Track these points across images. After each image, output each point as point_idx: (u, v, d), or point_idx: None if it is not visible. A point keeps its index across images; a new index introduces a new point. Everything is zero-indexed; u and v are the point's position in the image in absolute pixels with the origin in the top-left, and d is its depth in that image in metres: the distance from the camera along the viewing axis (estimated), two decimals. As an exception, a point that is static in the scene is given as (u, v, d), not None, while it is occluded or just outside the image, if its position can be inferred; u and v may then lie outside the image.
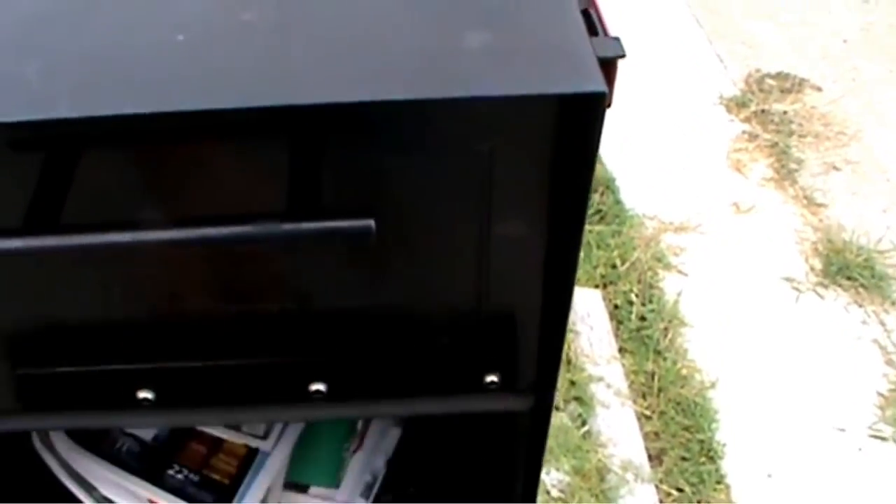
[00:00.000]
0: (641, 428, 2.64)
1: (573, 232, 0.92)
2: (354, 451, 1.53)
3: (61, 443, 1.39)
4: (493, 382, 1.09)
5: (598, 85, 0.79)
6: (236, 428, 1.46)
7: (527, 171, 0.91)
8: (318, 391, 1.08)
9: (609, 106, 0.83)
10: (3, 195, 0.87)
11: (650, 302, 2.96)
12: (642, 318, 2.91)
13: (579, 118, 0.82)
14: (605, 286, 2.98)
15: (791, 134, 3.60)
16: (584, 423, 2.60)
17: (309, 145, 0.85)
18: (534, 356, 1.08)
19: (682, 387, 2.74)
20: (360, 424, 1.56)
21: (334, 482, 1.51)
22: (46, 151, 0.85)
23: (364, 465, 1.52)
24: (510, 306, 1.03)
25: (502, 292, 1.01)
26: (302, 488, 1.51)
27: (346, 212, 0.81)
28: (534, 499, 1.32)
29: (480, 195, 0.91)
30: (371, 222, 0.80)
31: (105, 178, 0.88)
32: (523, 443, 1.22)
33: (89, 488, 1.39)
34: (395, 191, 0.91)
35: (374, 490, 1.51)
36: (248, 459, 1.46)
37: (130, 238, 0.82)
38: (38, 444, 1.38)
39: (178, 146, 0.86)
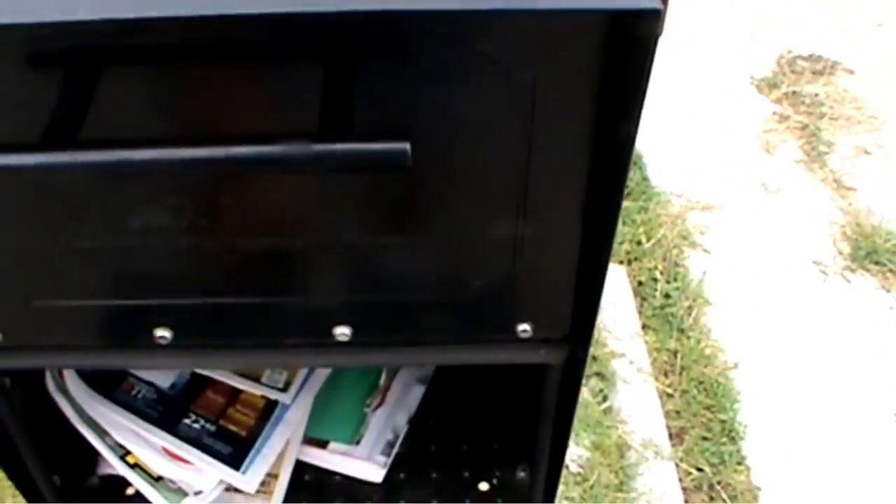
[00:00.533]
0: (663, 406, 2.60)
1: (618, 169, 0.87)
2: (376, 408, 1.50)
3: (75, 387, 1.35)
4: (525, 331, 1.05)
5: (653, 1, 0.74)
6: (256, 379, 1.43)
7: (571, 102, 0.86)
8: (342, 335, 1.04)
9: (661, 33, 0.78)
10: (21, 112, 0.83)
11: (675, 280, 2.91)
12: (666, 296, 2.86)
13: (631, 40, 0.77)
14: (629, 262, 2.94)
15: (822, 116, 3.55)
16: (605, 399, 2.56)
17: (342, 62, 0.81)
18: (569, 306, 1.04)
19: (704, 366, 2.69)
20: (382, 380, 1.52)
21: (354, 439, 1.47)
22: (65, 65, 0.81)
23: (385, 422, 1.49)
24: (547, 251, 0.98)
25: (540, 235, 0.96)
26: (321, 444, 1.48)
27: (381, 134, 0.77)
28: (561, 462, 1.27)
29: (521, 128, 0.87)
30: (407, 145, 0.76)
31: (125, 95, 0.84)
32: (552, 402, 1.17)
33: (102, 434, 1.36)
34: (432, 120, 0.87)
35: (396, 448, 1.47)
36: (267, 412, 1.43)
37: (151, 156, 0.77)
38: (51, 388, 1.34)
39: (205, 60, 0.82)
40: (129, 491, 1.43)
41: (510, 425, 1.48)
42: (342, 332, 1.04)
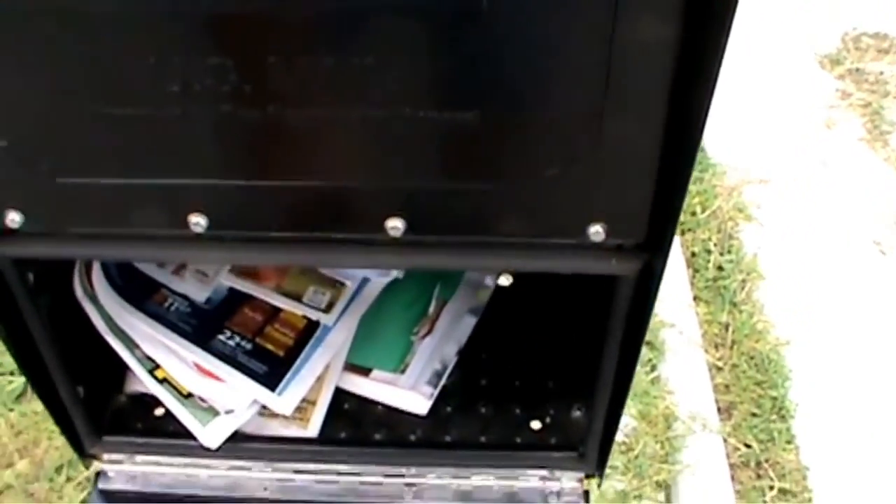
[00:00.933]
0: (712, 379, 2.51)
1: (713, 43, 0.77)
2: (424, 337, 1.41)
3: (105, 295, 1.27)
4: (597, 233, 0.95)
5: None
6: (297, 298, 1.35)
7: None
8: (394, 228, 0.95)
9: None
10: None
11: (728, 252, 2.82)
12: (720, 268, 2.78)
13: None
14: (683, 233, 2.85)
15: (886, 94, 3.44)
16: (653, 369, 2.47)
17: None
18: (647, 208, 0.94)
19: (756, 341, 2.60)
20: (431, 309, 1.43)
21: (399, 367, 1.38)
22: None
23: (433, 351, 1.39)
24: (629, 137, 0.88)
25: (622, 116, 0.86)
26: (363, 371, 1.39)
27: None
28: (623, 400, 1.18)
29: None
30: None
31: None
32: (621, 323, 1.07)
33: (131, 346, 1.28)
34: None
35: (443, 379, 1.38)
36: (308, 333, 1.34)
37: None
38: (79, 294, 1.26)
39: None
40: (158, 412, 1.35)
41: (566, 363, 1.39)
42: (394, 225, 0.94)
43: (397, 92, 0.85)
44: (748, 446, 2.37)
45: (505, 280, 1.45)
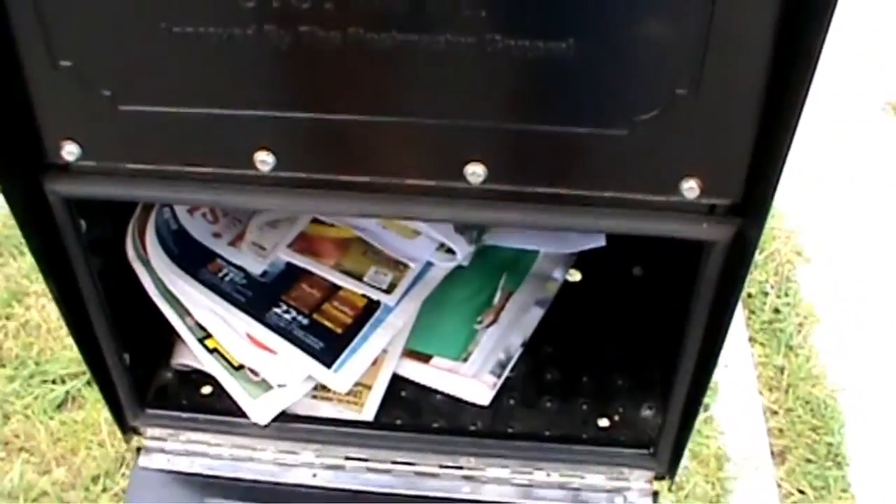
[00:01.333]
0: (766, 422, 2.44)
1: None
2: (488, 326, 1.35)
3: (158, 259, 1.22)
4: (691, 189, 0.89)
5: None
6: (357, 277, 1.30)
7: None
8: (474, 174, 0.89)
9: None
10: None
11: (786, 295, 2.76)
12: (776, 311, 2.71)
13: None
14: (739, 273, 2.78)
15: (954, 145, 3.38)
16: (706, 408, 2.40)
17: None
18: (744, 165, 0.88)
19: (812, 386, 2.54)
20: (497, 299, 1.38)
21: (462, 355, 1.32)
22: None
23: (497, 341, 1.34)
24: (729, 81, 0.82)
25: (723, 64, 0.80)
26: (423, 358, 1.33)
27: None
28: (701, 396, 1.11)
29: None
30: None
31: None
32: (707, 299, 1.01)
33: (182, 312, 1.23)
34: None
35: (507, 370, 1.32)
36: (367, 313, 1.29)
37: None
38: (131, 255, 1.21)
39: None
40: (205, 390, 1.29)
41: (636, 361, 1.32)
42: (474, 171, 0.89)
43: (488, 16, 0.80)
44: (802, 492, 2.30)
45: (574, 275, 1.40)
